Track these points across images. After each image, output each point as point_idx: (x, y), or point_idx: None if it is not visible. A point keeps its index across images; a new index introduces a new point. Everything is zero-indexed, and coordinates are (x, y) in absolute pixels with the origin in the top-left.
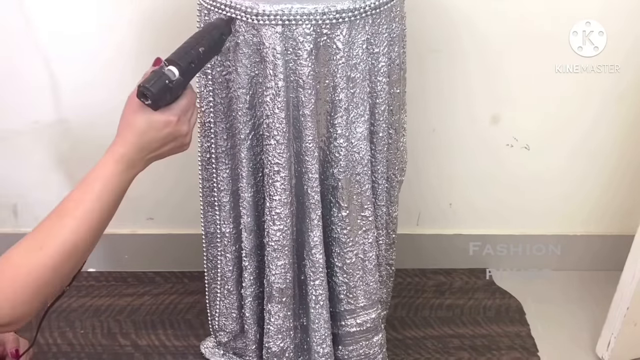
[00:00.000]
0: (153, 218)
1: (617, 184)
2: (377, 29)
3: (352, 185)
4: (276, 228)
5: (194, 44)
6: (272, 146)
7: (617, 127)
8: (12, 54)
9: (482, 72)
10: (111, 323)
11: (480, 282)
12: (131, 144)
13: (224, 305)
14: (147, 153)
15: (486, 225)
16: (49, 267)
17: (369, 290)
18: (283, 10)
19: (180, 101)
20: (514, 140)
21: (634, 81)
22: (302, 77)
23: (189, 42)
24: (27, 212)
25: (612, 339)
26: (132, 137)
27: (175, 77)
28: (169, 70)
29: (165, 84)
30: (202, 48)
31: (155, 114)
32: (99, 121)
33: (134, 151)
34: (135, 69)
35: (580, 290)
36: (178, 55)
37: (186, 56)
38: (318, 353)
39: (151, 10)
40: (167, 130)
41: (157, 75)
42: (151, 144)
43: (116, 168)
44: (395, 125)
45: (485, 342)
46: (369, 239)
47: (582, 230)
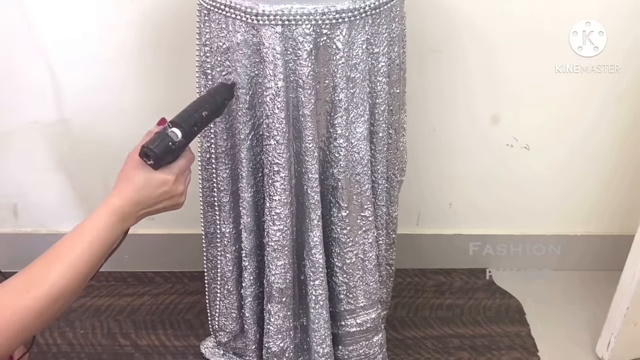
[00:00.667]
0: (153, 218)
1: (617, 184)
2: (377, 29)
3: (352, 185)
4: (276, 228)
5: (198, 108)
6: (272, 146)
7: (617, 127)
8: (12, 54)
9: (482, 72)
10: (111, 323)
11: (480, 282)
12: (128, 198)
13: (224, 305)
14: (142, 208)
15: (486, 225)
16: (33, 310)
17: (369, 290)
18: (283, 10)
19: (179, 161)
20: (514, 140)
21: (634, 81)
22: (302, 77)
23: (193, 105)
24: (27, 212)
25: (612, 339)
26: (130, 191)
27: (178, 138)
28: (172, 132)
29: (168, 146)
30: (205, 112)
31: (154, 173)
32: (99, 121)
33: (129, 205)
34: (136, 69)
35: (580, 290)
36: (182, 118)
37: (190, 119)
38: (318, 353)
39: (151, 10)
40: (163, 188)
41: (161, 137)
42: (147, 200)
43: (110, 219)
44: (395, 125)
45: (485, 342)
46: (368, 239)
47: (582, 230)
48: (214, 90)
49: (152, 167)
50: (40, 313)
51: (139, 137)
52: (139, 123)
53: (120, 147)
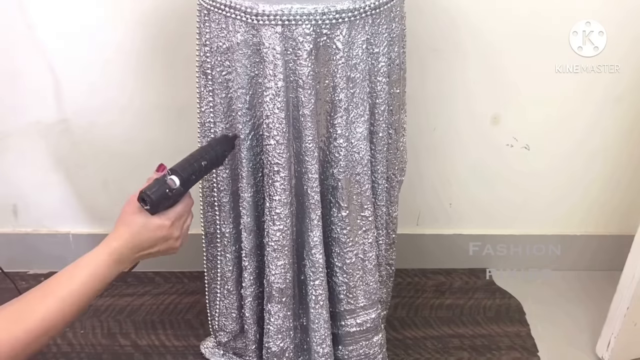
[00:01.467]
0: None
1: (617, 184)
2: (377, 29)
3: (352, 185)
4: (276, 228)
5: (198, 158)
6: (272, 146)
7: (617, 127)
8: (13, 55)
9: (482, 72)
10: (111, 323)
11: (480, 282)
12: (125, 240)
13: (224, 305)
14: (138, 251)
15: (486, 225)
16: (23, 342)
17: (369, 290)
18: (283, 10)
19: (177, 207)
20: (514, 140)
21: (634, 81)
22: (302, 77)
23: (194, 155)
24: (27, 212)
25: (612, 339)
26: (127, 234)
27: (176, 186)
28: (170, 179)
29: (165, 193)
30: (205, 162)
31: (151, 218)
32: (99, 121)
33: (126, 247)
34: (136, 70)
35: (581, 290)
36: (182, 166)
37: (189, 168)
38: (318, 353)
39: (152, 10)
40: (160, 233)
41: (159, 184)
42: (143, 243)
43: (106, 261)
44: (395, 125)
45: (485, 342)
46: (368, 239)
47: (582, 230)
48: (215, 141)
49: (149, 212)
50: (29, 345)
51: (139, 137)
52: (139, 123)
53: (120, 147)
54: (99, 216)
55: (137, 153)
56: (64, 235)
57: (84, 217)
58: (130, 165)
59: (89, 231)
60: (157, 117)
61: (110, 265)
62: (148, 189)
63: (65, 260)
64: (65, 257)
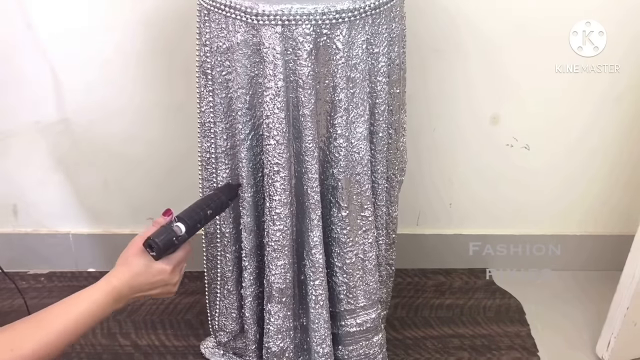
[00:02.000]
0: (153, 218)
1: (617, 184)
2: (377, 29)
3: (352, 185)
4: (276, 228)
5: (204, 206)
6: (272, 146)
7: (617, 127)
8: (13, 54)
9: (482, 71)
10: (111, 323)
11: (480, 282)
12: (125, 281)
13: (224, 305)
14: (136, 292)
15: (486, 225)
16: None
17: (369, 290)
18: (283, 10)
19: (178, 253)
20: (514, 140)
21: (634, 81)
22: (302, 77)
23: (200, 203)
24: (27, 212)
25: (612, 339)
26: (127, 275)
27: (182, 233)
28: (177, 226)
29: (171, 240)
30: (210, 211)
31: (154, 262)
32: (100, 121)
33: (125, 287)
34: (136, 69)
35: (580, 290)
36: (188, 214)
37: (195, 216)
38: (318, 353)
39: (152, 10)
40: (160, 277)
41: (166, 232)
42: (142, 286)
43: (105, 298)
44: (395, 125)
45: (485, 342)
46: (368, 239)
47: (582, 230)
48: (220, 190)
49: (153, 257)
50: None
51: (138, 137)
52: (139, 123)
53: (120, 146)
54: (99, 216)
55: (137, 153)
56: (64, 235)
57: (84, 217)
58: (130, 165)
59: (89, 231)
60: (157, 117)
61: (108, 303)
62: (156, 236)
63: (65, 260)
64: (65, 257)
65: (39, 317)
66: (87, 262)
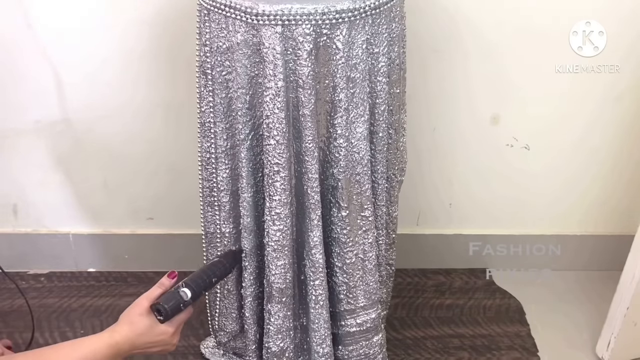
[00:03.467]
0: (153, 218)
1: (617, 184)
2: (377, 29)
3: (352, 185)
4: (276, 228)
5: (210, 274)
6: (272, 146)
7: (617, 127)
8: (13, 54)
9: (482, 71)
10: (111, 323)
11: (480, 282)
12: (127, 338)
13: (224, 305)
14: (136, 349)
15: (486, 225)
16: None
17: (369, 290)
18: (283, 10)
19: (181, 315)
20: (514, 140)
21: (634, 81)
22: (302, 77)
23: (205, 270)
24: (27, 212)
25: (612, 339)
26: (131, 334)
27: (187, 298)
28: (183, 291)
29: (178, 306)
30: (215, 278)
31: (158, 324)
32: (100, 121)
33: (126, 344)
34: (137, 69)
35: (580, 290)
36: (195, 281)
37: (201, 284)
38: (318, 353)
39: (152, 10)
40: (161, 337)
41: (174, 297)
42: (143, 344)
43: (105, 351)
44: (395, 125)
45: (485, 342)
46: (368, 239)
47: (582, 230)
48: (224, 257)
49: (160, 321)
50: None
51: (139, 137)
52: (139, 123)
53: (120, 146)
54: (99, 216)
55: (137, 153)
56: (64, 235)
57: (84, 217)
58: (130, 165)
59: (89, 231)
60: (157, 117)
61: (107, 355)
62: (165, 301)
63: (65, 260)
64: (65, 257)
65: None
66: (87, 262)
